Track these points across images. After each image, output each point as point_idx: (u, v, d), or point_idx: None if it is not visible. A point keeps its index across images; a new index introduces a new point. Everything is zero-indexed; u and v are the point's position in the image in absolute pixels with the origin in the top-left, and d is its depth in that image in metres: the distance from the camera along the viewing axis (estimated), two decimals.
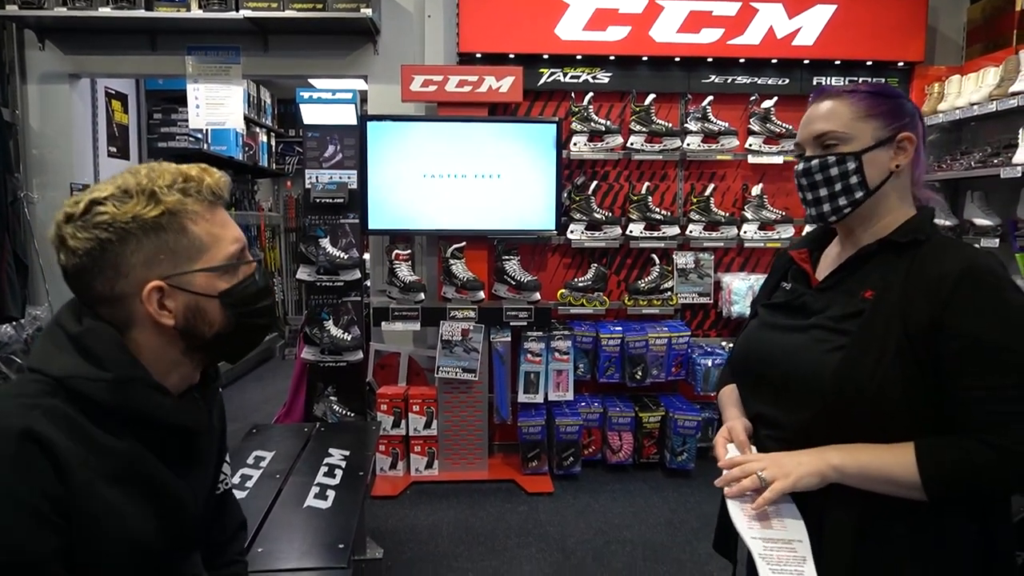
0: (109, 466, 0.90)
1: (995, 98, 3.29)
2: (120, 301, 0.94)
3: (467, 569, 2.90)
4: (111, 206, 0.91)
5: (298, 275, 3.87)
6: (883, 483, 1.05)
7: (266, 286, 1.05)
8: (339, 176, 3.80)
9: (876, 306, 1.10)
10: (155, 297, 0.94)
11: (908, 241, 1.13)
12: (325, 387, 3.82)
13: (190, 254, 0.96)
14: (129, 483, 0.93)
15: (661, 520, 3.35)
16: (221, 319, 0.99)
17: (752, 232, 3.98)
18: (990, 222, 3.44)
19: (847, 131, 1.15)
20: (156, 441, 0.97)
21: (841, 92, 1.18)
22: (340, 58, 4.06)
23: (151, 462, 0.96)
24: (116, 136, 4.83)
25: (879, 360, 1.06)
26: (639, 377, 3.87)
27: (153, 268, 0.93)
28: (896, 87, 1.23)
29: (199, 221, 0.96)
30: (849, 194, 1.16)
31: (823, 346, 1.12)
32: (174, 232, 0.94)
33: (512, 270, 3.84)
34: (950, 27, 4.11)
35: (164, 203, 0.93)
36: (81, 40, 3.96)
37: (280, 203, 8.07)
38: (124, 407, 0.93)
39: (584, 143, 3.91)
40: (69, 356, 0.91)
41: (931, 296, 1.05)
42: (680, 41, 3.89)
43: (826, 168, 1.17)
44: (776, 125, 3.95)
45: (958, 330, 1.03)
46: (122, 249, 0.92)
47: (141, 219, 0.92)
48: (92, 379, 0.91)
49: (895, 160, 1.16)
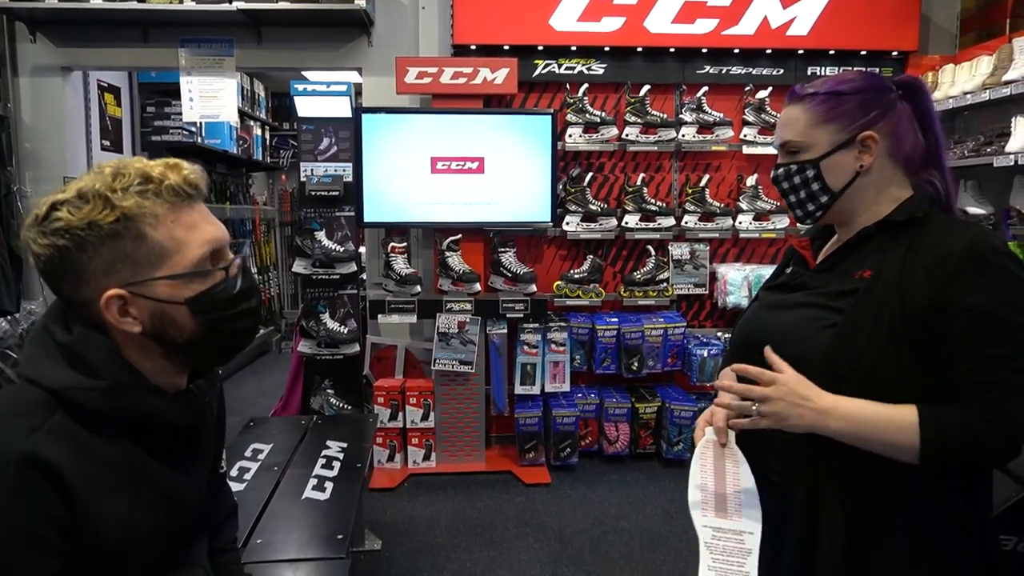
0: (111, 476, 0.90)
1: (988, 87, 3.30)
2: (87, 306, 0.92)
3: (465, 560, 2.91)
4: (66, 212, 0.88)
5: (294, 268, 3.86)
6: (877, 439, 1.04)
7: (246, 287, 0.99)
8: (334, 169, 3.78)
9: (872, 284, 1.10)
10: (115, 305, 0.90)
11: (905, 220, 1.13)
12: (322, 380, 3.82)
13: (151, 260, 0.91)
14: (132, 489, 0.93)
15: (658, 510, 3.37)
16: (192, 325, 0.94)
17: (747, 223, 3.99)
18: (983, 211, 3.46)
19: (803, 139, 1.17)
20: (154, 440, 0.97)
21: (800, 97, 1.19)
22: (334, 50, 4.04)
23: (149, 465, 0.96)
24: (109, 129, 4.80)
25: (872, 338, 1.06)
26: (635, 368, 3.89)
27: (112, 276, 0.90)
28: (876, 74, 1.21)
29: (159, 226, 0.91)
30: (813, 199, 1.19)
31: (816, 324, 1.13)
32: (131, 239, 0.89)
33: (508, 262, 3.84)
34: (943, 16, 4.12)
35: (119, 208, 0.88)
36: (73, 32, 3.94)
37: (275, 197, 8.04)
38: (120, 413, 0.91)
39: (579, 135, 3.90)
40: (60, 367, 0.90)
41: (932, 276, 1.05)
42: (675, 32, 3.88)
43: (790, 176, 1.20)
44: (771, 115, 3.96)
45: (958, 306, 1.03)
46: (80, 256, 0.89)
47: (96, 226, 0.88)
48: (87, 388, 0.89)
49: (860, 160, 1.16)
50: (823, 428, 1.05)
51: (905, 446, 1.03)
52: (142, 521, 0.93)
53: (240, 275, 0.99)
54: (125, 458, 0.92)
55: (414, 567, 2.85)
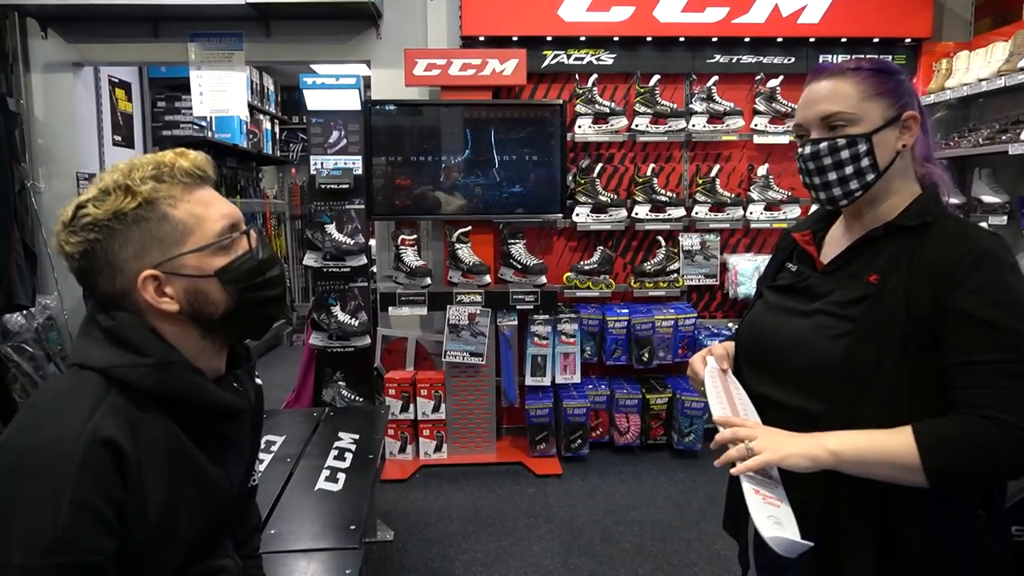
0: (158, 459, 0.93)
1: (1004, 73, 3.25)
2: (126, 296, 0.96)
3: (477, 550, 2.93)
4: (92, 207, 0.93)
5: (304, 261, 3.88)
6: (881, 467, 1.02)
7: (268, 257, 1.04)
8: (344, 162, 3.79)
9: (880, 290, 1.08)
10: (151, 286, 0.95)
11: (916, 224, 1.11)
12: (333, 372, 3.84)
13: (176, 238, 0.96)
14: (174, 472, 0.95)
15: (669, 500, 3.37)
16: (225, 297, 0.99)
17: (758, 213, 3.97)
18: (998, 199, 3.42)
19: (856, 112, 1.12)
20: (194, 425, 0.99)
21: (844, 70, 1.15)
22: (343, 43, 4.04)
23: (191, 450, 0.98)
24: (121, 125, 4.83)
25: (885, 346, 1.05)
26: (646, 359, 3.88)
27: (144, 258, 0.95)
28: (893, 63, 1.19)
29: (178, 204, 0.97)
30: (861, 177, 1.13)
31: (828, 332, 1.12)
32: (156, 220, 0.95)
33: (518, 254, 3.84)
34: (958, 2, 4.06)
35: (140, 193, 0.94)
36: (83, 28, 3.95)
37: (285, 190, 8.06)
38: (166, 390, 0.95)
39: (588, 125, 3.89)
40: (108, 348, 0.94)
41: (935, 279, 1.04)
42: (684, 21, 3.85)
43: (836, 151, 1.13)
44: (782, 104, 3.92)
45: (959, 312, 1.02)
46: (111, 246, 0.94)
47: (121, 214, 0.93)
48: (134, 366, 0.93)
49: (901, 140, 1.14)
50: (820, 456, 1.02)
51: (906, 465, 1.00)
52: (181, 506, 0.95)
53: (260, 245, 1.05)
54: (169, 441, 0.95)
55: (426, 557, 2.87)
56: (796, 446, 1.03)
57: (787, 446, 1.03)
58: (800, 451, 1.03)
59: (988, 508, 1.07)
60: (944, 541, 1.07)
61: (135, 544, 0.90)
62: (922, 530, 1.07)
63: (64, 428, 0.86)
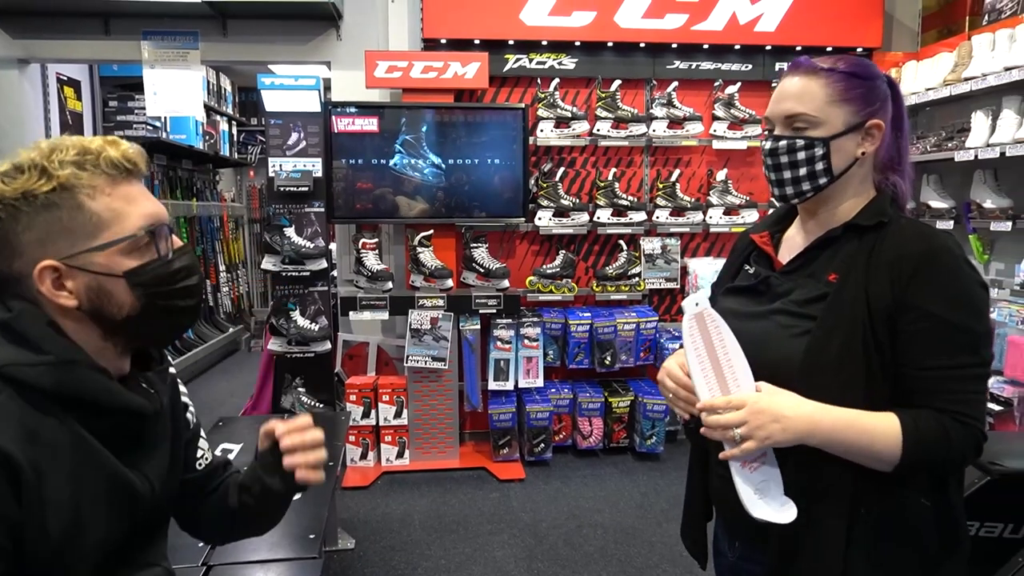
0: (58, 464, 0.86)
1: (949, 83, 3.37)
2: (20, 282, 0.89)
3: (440, 556, 2.90)
4: (0, 183, 0.87)
5: (263, 265, 3.80)
6: (858, 450, 1.05)
7: (187, 265, 0.98)
8: (303, 164, 3.73)
9: (840, 289, 1.10)
10: (48, 277, 0.88)
11: (873, 224, 1.13)
12: (293, 378, 3.77)
13: (88, 231, 0.89)
14: (78, 477, 0.88)
15: (632, 503, 3.39)
16: (131, 300, 0.92)
17: (717, 217, 4.03)
18: (945, 204, 3.53)
19: (818, 115, 1.13)
20: (100, 427, 0.92)
21: (818, 69, 1.14)
22: (302, 44, 3.98)
23: (96, 451, 0.91)
24: (70, 124, 4.68)
25: (846, 342, 1.07)
26: (608, 362, 3.91)
27: (48, 247, 0.88)
28: (874, 67, 1.18)
29: (97, 196, 0.89)
30: (813, 179, 1.15)
31: (789, 331, 1.13)
32: (69, 209, 0.88)
33: (480, 257, 3.83)
34: (906, 13, 4.20)
35: (56, 177, 0.87)
36: (30, 23, 3.82)
37: (243, 193, 7.92)
38: (66, 391, 0.88)
39: (551, 129, 3.91)
40: (1, 345, 0.87)
41: (892, 277, 1.06)
42: (645, 27, 3.90)
43: (793, 151, 1.15)
44: (740, 111, 4.00)
45: (919, 310, 1.04)
46: (13, 227, 0.87)
47: (31, 195, 0.86)
48: (32, 364, 0.86)
49: (861, 147, 1.15)
50: (809, 439, 1.04)
51: (887, 454, 1.04)
52: (88, 511, 0.89)
53: (180, 251, 0.98)
54: (73, 444, 0.88)
55: (388, 565, 2.84)
56: (785, 432, 1.03)
57: (776, 434, 1.03)
58: (788, 437, 1.04)
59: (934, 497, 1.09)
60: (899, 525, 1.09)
61: (39, 559, 0.84)
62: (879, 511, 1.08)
63: None
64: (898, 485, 1.07)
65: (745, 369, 1.09)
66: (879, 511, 1.08)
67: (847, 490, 1.07)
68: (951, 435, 1.03)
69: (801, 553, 1.09)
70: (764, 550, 1.14)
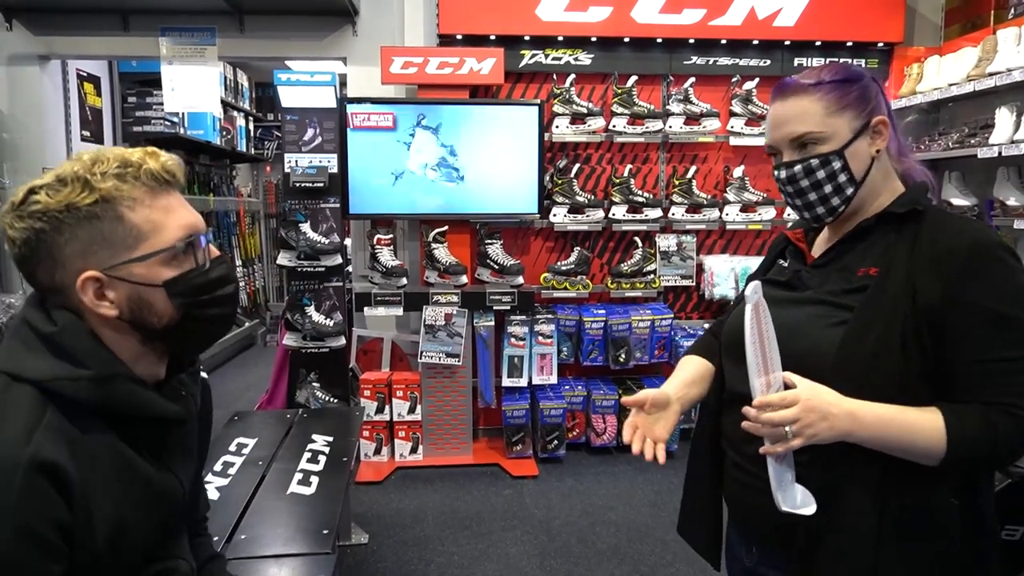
0: (102, 473, 0.89)
1: (973, 78, 3.31)
2: (63, 292, 0.92)
3: (453, 552, 2.90)
4: (44, 195, 0.88)
5: (279, 261, 3.82)
6: (902, 446, 1.03)
7: (223, 275, 1.00)
8: (319, 160, 3.74)
9: (882, 281, 1.08)
10: (91, 288, 0.90)
11: (907, 212, 1.11)
12: (307, 373, 3.79)
13: (128, 243, 0.91)
14: (119, 486, 0.91)
15: (645, 501, 3.38)
16: (169, 310, 0.94)
17: (734, 214, 3.99)
18: (967, 202, 3.48)
19: (824, 129, 1.11)
20: (138, 434, 0.95)
21: (806, 87, 1.13)
22: (318, 39, 3.99)
23: (134, 460, 0.94)
24: (89, 120, 4.72)
25: (883, 336, 1.05)
26: (622, 360, 3.89)
27: (89, 258, 0.90)
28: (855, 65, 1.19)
29: (137, 208, 0.91)
30: (840, 193, 1.13)
31: (823, 321, 1.11)
32: (109, 220, 0.90)
33: (495, 254, 3.82)
34: (929, 7, 4.13)
35: (98, 190, 0.89)
36: (50, 20, 3.86)
37: (259, 188, 7.96)
38: (107, 404, 0.90)
39: (566, 125, 3.89)
40: (44, 358, 0.89)
41: (940, 271, 1.04)
42: (662, 22, 3.87)
43: (811, 172, 1.13)
44: (757, 107, 3.95)
45: (969, 305, 1.02)
46: (56, 239, 0.89)
47: (74, 207, 0.88)
48: (73, 379, 0.88)
49: (874, 146, 1.14)
50: (851, 436, 1.03)
51: (930, 450, 1.02)
52: (130, 517, 0.92)
53: (218, 261, 1.00)
54: (112, 453, 0.91)
55: (401, 561, 2.84)
56: (831, 430, 1.02)
57: (823, 432, 1.02)
58: (833, 435, 1.02)
59: (963, 497, 1.07)
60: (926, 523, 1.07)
61: (87, 562, 0.87)
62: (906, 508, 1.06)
63: (2, 454, 0.82)
64: (927, 483, 1.05)
65: (778, 361, 1.08)
66: (906, 508, 1.06)
67: (873, 486, 1.06)
68: (998, 428, 1.01)
69: (828, 551, 1.07)
70: (784, 554, 1.12)
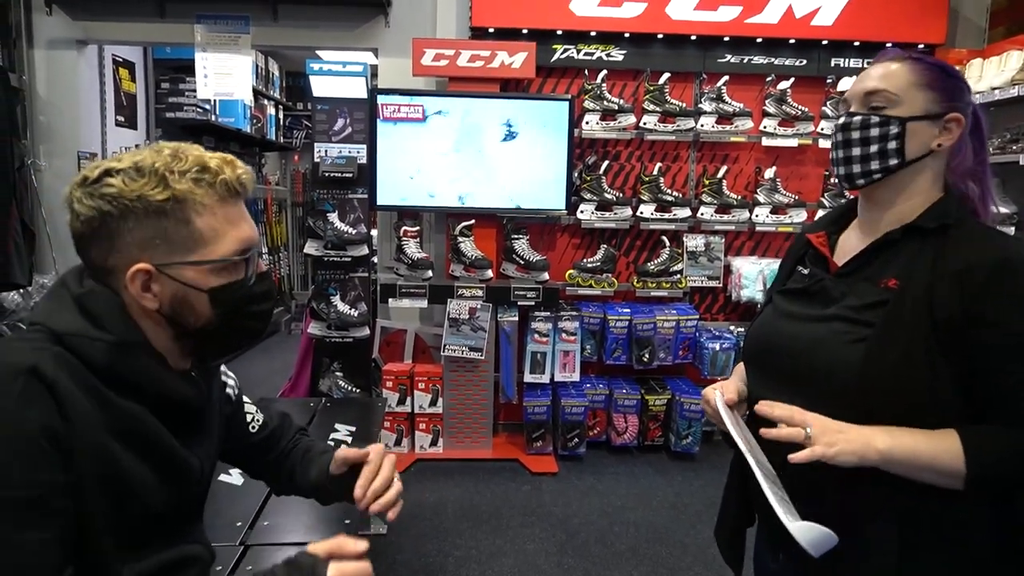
0: (112, 421, 0.90)
1: (1017, 83, 3.22)
2: (111, 274, 0.94)
3: (471, 547, 2.91)
4: (120, 180, 0.90)
5: (305, 250, 3.84)
6: (924, 470, 1.01)
7: (265, 291, 1.03)
8: (348, 150, 3.75)
9: (901, 296, 1.05)
10: (140, 279, 0.92)
11: (935, 227, 1.08)
12: (331, 362, 3.81)
13: (187, 245, 0.93)
14: (133, 441, 0.92)
15: (665, 503, 3.35)
16: (208, 314, 0.97)
17: (764, 216, 3.94)
18: (1007, 210, 3.39)
19: (899, 94, 1.11)
20: (161, 409, 0.96)
21: (904, 56, 1.14)
22: (350, 30, 4.00)
23: (156, 426, 0.95)
24: (124, 105, 4.79)
25: (906, 352, 1.02)
26: (646, 360, 3.86)
27: (146, 250, 0.92)
28: (958, 71, 1.17)
29: (205, 214, 0.94)
30: (883, 158, 1.11)
31: (844, 337, 1.08)
32: (176, 220, 0.92)
33: (521, 249, 3.81)
34: (973, 9, 4.02)
35: (173, 189, 0.91)
36: (88, 6, 3.91)
37: (287, 177, 8.03)
38: (122, 371, 0.92)
39: (596, 122, 3.86)
40: (71, 314, 0.91)
41: (962, 287, 1.01)
42: (697, 19, 3.82)
43: (867, 127, 1.12)
44: (792, 107, 3.89)
45: (995, 322, 1.00)
46: (120, 225, 0.91)
47: (145, 200, 0.90)
48: (92, 338, 0.90)
49: (939, 139, 1.11)
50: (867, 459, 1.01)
51: (949, 472, 1.00)
52: (136, 476, 0.92)
53: (263, 277, 1.03)
54: (129, 410, 0.92)
55: (419, 552, 2.85)
56: (849, 443, 1.00)
57: (840, 443, 1.00)
58: (852, 449, 1.00)
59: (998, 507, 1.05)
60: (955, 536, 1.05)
61: (85, 496, 0.87)
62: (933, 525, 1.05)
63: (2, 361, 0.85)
64: (954, 491, 1.02)
65: None
66: (934, 516, 1.04)
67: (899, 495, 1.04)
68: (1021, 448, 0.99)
69: (852, 560, 1.06)
70: (811, 559, 1.10)
